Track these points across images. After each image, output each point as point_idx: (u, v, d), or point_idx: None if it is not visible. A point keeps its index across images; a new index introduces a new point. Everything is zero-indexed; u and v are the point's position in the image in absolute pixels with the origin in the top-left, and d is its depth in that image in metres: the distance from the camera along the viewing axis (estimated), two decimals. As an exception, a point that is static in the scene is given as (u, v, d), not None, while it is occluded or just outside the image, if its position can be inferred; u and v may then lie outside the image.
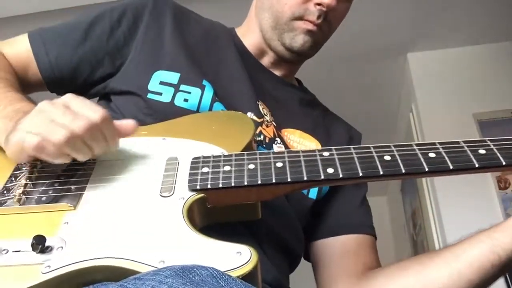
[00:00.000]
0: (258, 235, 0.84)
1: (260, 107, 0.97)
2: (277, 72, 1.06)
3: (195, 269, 0.50)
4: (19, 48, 0.95)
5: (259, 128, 0.93)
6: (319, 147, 1.01)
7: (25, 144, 0.64)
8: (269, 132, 0.95)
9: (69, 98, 0.67)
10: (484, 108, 2.48)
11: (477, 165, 0.68)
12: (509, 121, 2.41)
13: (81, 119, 0.64)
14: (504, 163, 0.68)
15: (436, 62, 2.71)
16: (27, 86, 0.94)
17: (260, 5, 1.04)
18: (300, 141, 1.01)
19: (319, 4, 0.94)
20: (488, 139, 0.72)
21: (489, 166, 0.69)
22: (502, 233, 0.75)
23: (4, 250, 0.60)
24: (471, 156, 0.69)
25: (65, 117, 0.64)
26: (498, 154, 0.69)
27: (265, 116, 0.97)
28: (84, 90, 0.97)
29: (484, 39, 2.64)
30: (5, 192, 0.70)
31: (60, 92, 0.96)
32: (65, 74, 0.94)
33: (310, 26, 0.96)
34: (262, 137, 0.93)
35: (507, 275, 2.02)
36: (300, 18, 0.96)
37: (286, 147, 0.97)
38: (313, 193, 0.95)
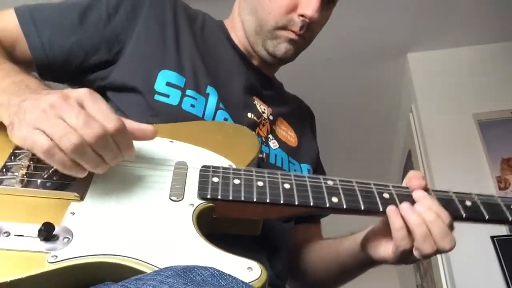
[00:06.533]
0: (263, 240, 0.85)
1: (257, 105, 0.99)
2: (264, 70, 1.08)
3: (196, 269, 0.50)
4: (6, 24, 0.88)
5: (256, 129, 0.96)
6: (296, 137, 1.07)
7: (34, 145, 0.60)
8: (263, 131, 0.98)
9: (85, 95, 0.62)
10: (484, 108, 2.47)
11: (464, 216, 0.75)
12: (509, 121, 2.41)
13: (94, 126, 0.59)
14: (486, 218, 0.75)
15: (436, 62, 2.71)
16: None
17: (244, 5, 1.04)
18: (286, 130, 1.06)
19: (302, 16, 0.95)
20: (475, 194, 0.78)
21: (474, 219, 0.76)
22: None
23: (5, 232, 0.59)
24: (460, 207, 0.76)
25: (78, 120, 0.59)
26: (482, 208, 0.76)
27: (263, 114, 0.99)
28: (75, 78, 0.93)
29: (484, 39, 2.64)
30: (4, 170, 0.67)
31: (48, 77, 0.91)
32: (58, 59, 0.89)
33: (293, 36, 0.97)
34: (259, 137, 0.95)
35: (507, 275, 2.01)
36: (284, 27, 0.97)
37: (277, 138, 1.00)
38: None
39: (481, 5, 2.41)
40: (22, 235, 0.59)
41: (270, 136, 0.99)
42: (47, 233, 0.58)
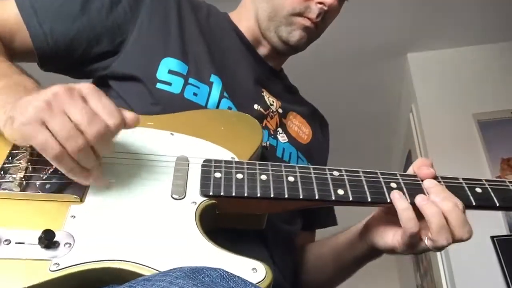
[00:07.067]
0: (266, 240, 0.84)
1: (266, 97, 0.98)
2: (270, 63, 1.07)
3: (204, 270, 0.50)
4: (4, 14, 0.87)
5: (264, 122, 0.94)
6: (311, 134, 1.06)
7: (43, 147, 0.58)
8: (272, 124, 0.97)
9: (89, 89, 0.61)
10: (484, 108, 2.48)
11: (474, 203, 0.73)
12: (509, 121, 2.41)
13: (97, 124, 0.58)
14: (497, 205, 0.74)
15: (436, 62, 2.71)
16: (11, 55, 0.86)
17: None
18: (299, 125, 1.05)
19: (320, 3, 0.95)
20: (485, 180, 0.77)
21: (484, 206, 0.75)
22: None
23: (6, 240, 0.58)
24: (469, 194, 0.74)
25: (82, 117, 0.58)
26: (492, 194, 0.74)
27: (271, 107, 0.98)
28: (78, 68, 0.92)
29: (484, 39, 2.64)
30: (2, 173, 0.66)
31: (49, 67, 0.91)
32: (60, 48, 0.87)
33: (308, 23, 0.97)
34: (267, 132, 0.94)
35: (507, 275, 2.02)
36: (300, 14, 0.97)
37: (287, 133, 0.99)
38: None
39: (481, 5, 2.41)
40: (23, 243, 0.58)
41: (280, 129, 0.98)
42: (47, 241, 0.57)
